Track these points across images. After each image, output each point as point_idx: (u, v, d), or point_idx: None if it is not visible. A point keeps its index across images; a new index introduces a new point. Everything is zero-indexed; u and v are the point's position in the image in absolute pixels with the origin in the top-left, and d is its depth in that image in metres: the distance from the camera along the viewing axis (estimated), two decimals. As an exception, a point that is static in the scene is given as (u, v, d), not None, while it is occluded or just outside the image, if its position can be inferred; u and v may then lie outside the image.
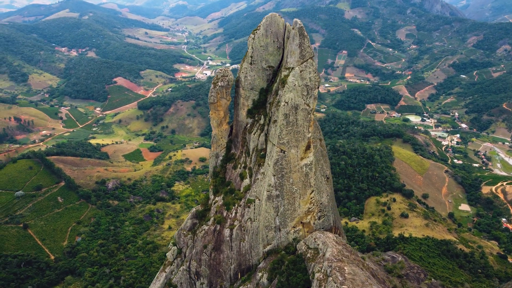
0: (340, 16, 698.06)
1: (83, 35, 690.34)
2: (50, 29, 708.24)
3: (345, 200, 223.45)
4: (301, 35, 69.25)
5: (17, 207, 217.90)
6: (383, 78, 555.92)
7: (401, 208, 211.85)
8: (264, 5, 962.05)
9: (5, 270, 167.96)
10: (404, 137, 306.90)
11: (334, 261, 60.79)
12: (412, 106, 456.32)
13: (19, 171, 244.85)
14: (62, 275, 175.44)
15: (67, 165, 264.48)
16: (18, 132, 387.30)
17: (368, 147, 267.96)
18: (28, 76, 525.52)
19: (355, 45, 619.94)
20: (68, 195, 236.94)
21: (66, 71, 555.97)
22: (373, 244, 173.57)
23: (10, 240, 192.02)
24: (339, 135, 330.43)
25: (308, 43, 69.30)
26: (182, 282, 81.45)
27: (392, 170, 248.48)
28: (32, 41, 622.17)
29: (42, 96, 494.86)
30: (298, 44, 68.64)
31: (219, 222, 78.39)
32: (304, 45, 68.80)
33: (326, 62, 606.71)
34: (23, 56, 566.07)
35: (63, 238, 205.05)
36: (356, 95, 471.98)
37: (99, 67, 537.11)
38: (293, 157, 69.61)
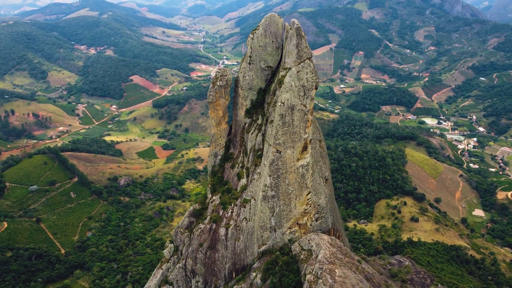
0: (358, 17, 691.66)
1: (102, 34, 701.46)
2: (70, 27, 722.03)
3: (354, 202, 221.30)
4: (299, 35, 68.87)
5: (31, 201, 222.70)
6: (399, 79, 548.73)
7: (412, 212, 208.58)
8: (282, 5, 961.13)
9: (16, 262, 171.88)
10: (418, 140, 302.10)
11: (326, 264, 60.33)
12: (428, 108, 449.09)
13: (34, 166, 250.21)
14: (72, 269, 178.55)
15: (80, 161, 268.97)
16: (36, 128, 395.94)
17: (380, 149, 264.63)
18: (48, 73, 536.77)
19: (372, 46, 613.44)
20: (81, 190, 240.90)
21: (84, 68, 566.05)
22: (380, 248, 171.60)
23: (23, 233, 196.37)
24: (352, 136, 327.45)
25: (305, 44, 68.88)
26: (178, 279, 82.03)
27: (404, 173, 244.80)
28: (53, 39, 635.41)
29: (60, 93, 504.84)
30: (295, 44, 68.32)
31: (215, 221, 78.68)
32: (301, 46, 68.43)
33: (342, 63, 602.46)
34: (43, 53, 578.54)
35: (74, 233, 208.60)
36: (371, 97, 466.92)
37: (116, 65, 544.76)
38: (289, 158, 69.35)
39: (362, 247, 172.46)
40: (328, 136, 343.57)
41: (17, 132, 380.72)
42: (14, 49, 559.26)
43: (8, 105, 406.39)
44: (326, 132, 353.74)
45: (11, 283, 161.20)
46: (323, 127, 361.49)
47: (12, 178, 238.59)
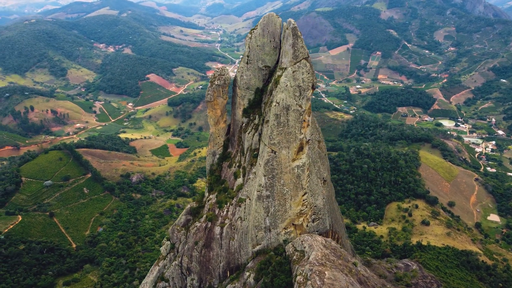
0: (376, 16, 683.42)
1: (121, 32, 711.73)
2: (90, 26, 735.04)
3: (365, 204, 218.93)
4: (295, 35, 68.45)
5: (45, 196, 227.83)
6: (417, 80, 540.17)
7: (423, 215, 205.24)
8: (300, 4, 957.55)
9: (28, 255, 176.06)
10: (433, 142, 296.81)
11: (316, 265, 59.92)
12: (446, 110, 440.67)
13: (50, 162, 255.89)
14: (82, 263, 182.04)
15: (95, 158, 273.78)
16: (54, 124, 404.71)
17: (393, 151, 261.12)
18: (67, 71, 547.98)
19: (390, 46, 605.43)
20: (94, 186, 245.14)
21: (103, 66, 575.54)
22: (388, 251, 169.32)
23: (36, 227, 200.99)
24: (366, 137, 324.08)
25: (302, 44, 68.43)
26: (174, 276, 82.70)
27: (417, 176, 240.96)
28: (73, 37, 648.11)
29: (79, 90, 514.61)
30: (291, 44, 67.93)
31: (210, 219, 78.97)
32: (297, 45, 67.99)
33: (359, 63, 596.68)
34: (64, 51, 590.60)
35: (86, 228, 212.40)
36: (388, 97, 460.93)
37: (133, 63, 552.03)
38: (284, 158, 69.08)
39: (370, 250, 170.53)
40: (341, 137, 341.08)
41: (36, 128, 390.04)
42: (35, 47, 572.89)
43: (28, 102, 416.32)
44: (339, 132, 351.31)
45: (23, 275, 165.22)
46: (337, 127, 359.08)
47: (28, 173, 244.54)
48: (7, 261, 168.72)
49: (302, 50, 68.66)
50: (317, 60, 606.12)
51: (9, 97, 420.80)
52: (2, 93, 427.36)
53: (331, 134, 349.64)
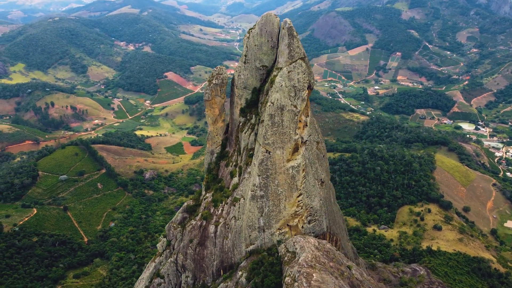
0: (397, 17, 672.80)
1: (141, 31, 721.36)
2: (111, 24, 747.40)
3: (376, 207, 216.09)
4: (290, 35, 68.00)
5: (60, 190, 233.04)
6: (437, 82, 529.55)
7: (436, 220, 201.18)
8: (320, 4, 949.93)
9: (41, 247, 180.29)
10: (450, 146, 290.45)
11: (305, 267, 59.49)
12: (466, 113, 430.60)
13: (66, 157, 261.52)
14: (92, 257, 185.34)
15: (110, 154, 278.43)
16: (73, 120, 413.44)
17: (408, 153, 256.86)
18: (88, 68, 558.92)
19: (410, 47, 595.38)
20: (108, 182, 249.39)
21: (122, 64, 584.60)
22: (397, 255, 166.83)
23: (50, 220, 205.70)
24: (381, 139, 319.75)
25: (297, 44, 67.90)
26: (169, 273, 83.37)
27: (431, 179, 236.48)
28: (94, 35, 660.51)
29: (98, 87, 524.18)
30: (287, 44, 67.53)
31: (205, 218, 79.26)
32: (293, 45, 67.53)
33: (378, 64, 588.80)
34: (85, 49, 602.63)
35: (98, 222, 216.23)
36: (406, 99, 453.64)
37: (152, 61, 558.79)
38: (279, 159, 68.76)
39: (378, 253, 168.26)
40: (357, 138, 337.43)
41: (55, 123, 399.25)
42: (58, 44, 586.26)
43: (49, 98, 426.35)
44: (355, 134, 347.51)
45: (34, 266, 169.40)
46: (352, 128, 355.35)
47: (45, 167, 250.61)
48: (20, 253, 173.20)
49: (298, 50, 68.14)
50: (335, 60, 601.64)
51: (31, 93, 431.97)
52: (25, 89, 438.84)
53: (346, 135, 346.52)
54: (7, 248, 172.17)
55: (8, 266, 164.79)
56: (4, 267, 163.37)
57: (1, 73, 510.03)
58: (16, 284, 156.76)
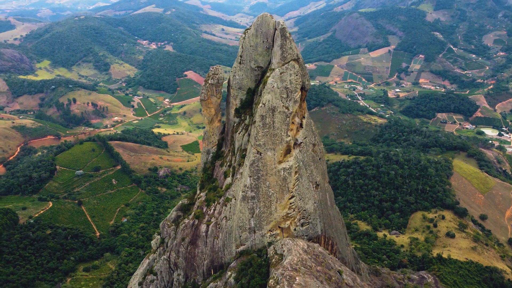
0: (421, 18, 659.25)
1: (163, 30, 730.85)
2: (135, 23, 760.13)
3: (388, 212, 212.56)
4: (283, 36, 67.51)
5: (76, 184, 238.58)
6: (461, 86, 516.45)
7: (449, 227, 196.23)
8: (343, 5, 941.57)
9: (54, 240, 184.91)
10: (469, 151, 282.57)
11: (289, 270, 59.04)
12: (489, 118, 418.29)
13: (83, 152, 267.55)
14: (102, 251, 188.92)
15: (126, 150, 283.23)
16: (94, 116, 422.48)
17: (424, 158, 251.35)
18: (110, 66, 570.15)
19: (434, 50, 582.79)
20: (122, 178, 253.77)
21: (144, 62, 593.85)
22: (405, 261, 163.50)
23: (65, 214, 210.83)
24: (398, 143, 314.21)
25: (290, 45, 67.33)
26: (162, 270, 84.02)
27: (447, 185, 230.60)
28: (118, 33, 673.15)
29: (120, 85, 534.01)
30: (279, 45, 67.08)
31: (197, 217, 79.59)
32: (285, 47, 67.02)
33: (400, 66, 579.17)
34: (108, 47, 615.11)
35: (111, 218, 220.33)
36: (427, 103, 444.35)
37: (173, 60, 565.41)
38: (270, 160, 68.44)
39: (387, 259, 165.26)
40: (373, 141, 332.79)
41: (76, 119, 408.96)
42: (83, 42, 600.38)
43: (71, 94, 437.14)
44: (372, 137, 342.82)
45: (46, 258, 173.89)
46: (369, 131, 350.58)
47: (62, 162, 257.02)
48: (33, 244, 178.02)
49: (291, 52, 67.56)
50: (356, 62, 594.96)
51: (54, 89, 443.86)
52: (49, 85, 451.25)
53: (363, 138, 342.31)
54: (21, 240, 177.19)
55: (21, 256, 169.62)
56: (17, 258, 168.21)
57: (28, 70, 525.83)
58: (28, 274, 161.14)
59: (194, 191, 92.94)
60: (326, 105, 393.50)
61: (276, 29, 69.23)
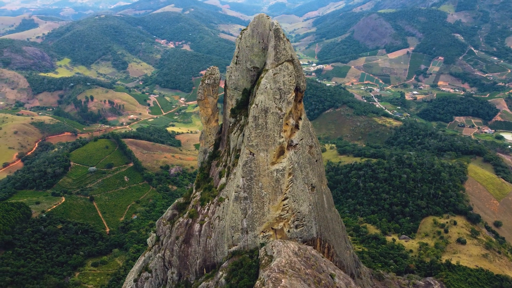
0: (442, 20, 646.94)
1: (181, 29, 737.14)
2: (153, 22, 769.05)
3: (398, 216, 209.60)
4: (277, 37, 67.15)
5: (88, 180, 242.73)
6: (481, 89, 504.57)
7: (461, 233, 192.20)
8: (363, 5, 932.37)
9: (64, 234, 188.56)
10: (486, 156, 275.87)
11: (275, 272, 58.76)
12: (509, 122, 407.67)
13: (97, 149, 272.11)
14: (111, 247, 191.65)
15: (139, 148, 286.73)
16: (110, 114, 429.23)
17: (438, 162, 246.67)
18: (128, 64, 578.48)
19: (454, 52, 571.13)
20: (134, 175, 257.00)
21: (161, 61, 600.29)
22: (413, 266, 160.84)
23: (76, 209, 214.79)
24: (412, 146, 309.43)
25: (283, 46, 66.92)
26: (156, 268, 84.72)
27: (461, 191, 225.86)
28: (137, 32, 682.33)
29: (137, 83, 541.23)
30: (273, 46, 66.77)
31: (191, 216, 79.92)
32: (279, 48, 66.65)
33: (419, 68, 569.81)
34: (127, 45, 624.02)
35: (121, 214, 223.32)
36: (445, 105, 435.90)
37: (189, 59, 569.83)
38: (262, 161, 68.22)
39: (394, 264, 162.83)
40: (388, 144, 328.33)
41: (93, 117, 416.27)
42: (102, 40, 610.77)
43: (89, 92, 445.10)
44: (386, 139, 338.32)
45: (56, 252, 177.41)
46: (384, 134, 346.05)
47: (76, 158, 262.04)
48: (44, 238, 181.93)
49: (284, 53, 67.17)
50: (374, 63, 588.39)
51: (73, 87, 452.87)
52: (68, 83, 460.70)
53: (377, 141, 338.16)
54: (33, 233, 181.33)
55: (32, 250, 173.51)
56: (28, 251, 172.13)
57: (48, 67, 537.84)
58: (38, 268, 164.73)
59: (190, 190, 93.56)
60: (340, 107, 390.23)
61: (270, 30, 68.99)
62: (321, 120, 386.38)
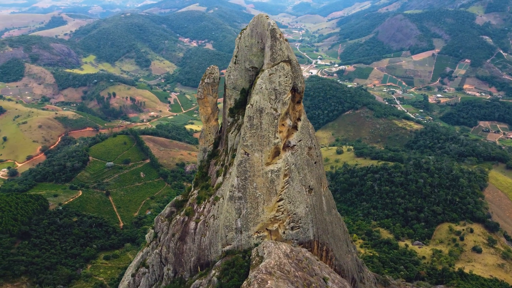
0: (470, 21, 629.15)
1: (205, 28, 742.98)
2: (177, 21, 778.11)
3: (413, 221, 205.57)
4: (273, 37, 66.69)
5: (106, 175, 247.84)
6: (509, 93, 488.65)
7: (477, 241, 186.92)
8: (389, 6, 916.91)
9: (79, 227, 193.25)
10: (509, 163, 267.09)
11: (262, 273, 58.51)
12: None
13: (115, 145, 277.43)
14: (124, 241, 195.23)
15: (156, 145, 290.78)
16: (131, 110, 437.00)
17: (457, 167, 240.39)
18: (151, 62, 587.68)
19: (482, 54, 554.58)
20: (150, 171, 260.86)
21: (183, 60, 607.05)
22: (423, 273, 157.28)
23: (92, 203, 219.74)
24: (432, 150, 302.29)
25: (280, 46, 66.41)
26: (153, 264, 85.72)
27: (480, 198, 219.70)
28: (161, 31, 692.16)
29: (159, 81, 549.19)
30: (269, 46, 66.33)
31: (187, 214, 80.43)
32: (275, 48, 66.18)
33: (444, 71, 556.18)
34: (150, 44, 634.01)
35: (136, 209, 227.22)
36: (469, 109, 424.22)
37: (211, 58, 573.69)
38: (257, 161, 67.97)
39: (404, 270, 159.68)
40: (407, 147, 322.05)
41: (115, 113, 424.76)
42: (126, 38, 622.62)
43: (112, 88, 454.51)
44: (406, 143, 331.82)
45: (70, 244, 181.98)
46: (404, 137, 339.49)
47: (95, 153, 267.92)
48: (59, 230, 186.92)
49: (281, 53, 66.65)
50: (397, 65, 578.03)
51: (96, 83, 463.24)
52: (91, 79, 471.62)
53: (396, 144, 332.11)
54: (49, 225, 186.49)
55: (47, 241, 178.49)
56: (43, 242, 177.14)
57: (74, 64, 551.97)
58: (52, 258, 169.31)
59: (189, 188, 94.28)
60: (360, 108, 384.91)
61: (267, 30, 68.60)
62: (340, 121, 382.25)
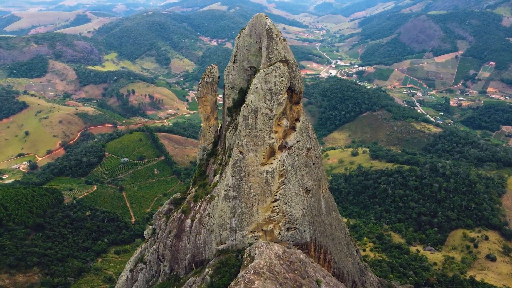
0: (496, 23, 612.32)
1: (225, 27, 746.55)
2: (198, 20, 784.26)
3: (426, 226, 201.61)
4: (269, 37, 66.29)
5: (120, 171, 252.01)
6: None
7: (492, 249, 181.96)
8: (412, 6, 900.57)
9: (92, 221, 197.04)
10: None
11: (250, 273, 58.39)
12: None
13: (131, 141, 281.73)
14: (134, 236, 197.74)
15: (171, 142, 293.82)
16: (150, 108, 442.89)
17: (474, 173, 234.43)
18: (171, 60, 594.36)
19: (507, 57, 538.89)
20: (164, 168, 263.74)
21: (203, 58, 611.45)
22: (433, 280, 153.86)
23: (106, 198, 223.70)
24: (450, 154, 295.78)
25: (276, 46, 65.96)
26: (151, 260, 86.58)
27: (497, 204, 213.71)
28: (181, 29, 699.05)
29: (178, 79, 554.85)
30: (265, 46, 66.02)
31: (184, 211, 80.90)
32: (271, 48, 65.79)
33: (467, 73, 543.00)
34: (171, 42, 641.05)
35: (148, 205, 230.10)
36: (491, 113, 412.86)
37: (229, 57, 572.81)
38: (252, 161, 67.82)
39: (413, 275, 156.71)
40: (424, 151, 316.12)
41: (133, 110, 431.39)
42: (147, 36, 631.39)
43: (131, 86, 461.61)
44: (423, 146, 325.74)
45: (82, 238, 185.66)
46: (422, 140, 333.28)
47: (111, 149, 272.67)
48: (72, 224, 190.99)
49: (277, 53, 66.21)
50: (419, 67, 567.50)
51: (116, 80, 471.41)
52: (112, 76, 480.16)
53: (413, 147, 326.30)
54: (63, 218, 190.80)
55: (60, 234, 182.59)
56: (57, 234, 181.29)
57: (96, 61, 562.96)
58: (64, 251, 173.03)
59: (188, 186, 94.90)
60: (378, 110, 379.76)
61: (263, 29, 68.30)
62: (357, 123, 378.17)
